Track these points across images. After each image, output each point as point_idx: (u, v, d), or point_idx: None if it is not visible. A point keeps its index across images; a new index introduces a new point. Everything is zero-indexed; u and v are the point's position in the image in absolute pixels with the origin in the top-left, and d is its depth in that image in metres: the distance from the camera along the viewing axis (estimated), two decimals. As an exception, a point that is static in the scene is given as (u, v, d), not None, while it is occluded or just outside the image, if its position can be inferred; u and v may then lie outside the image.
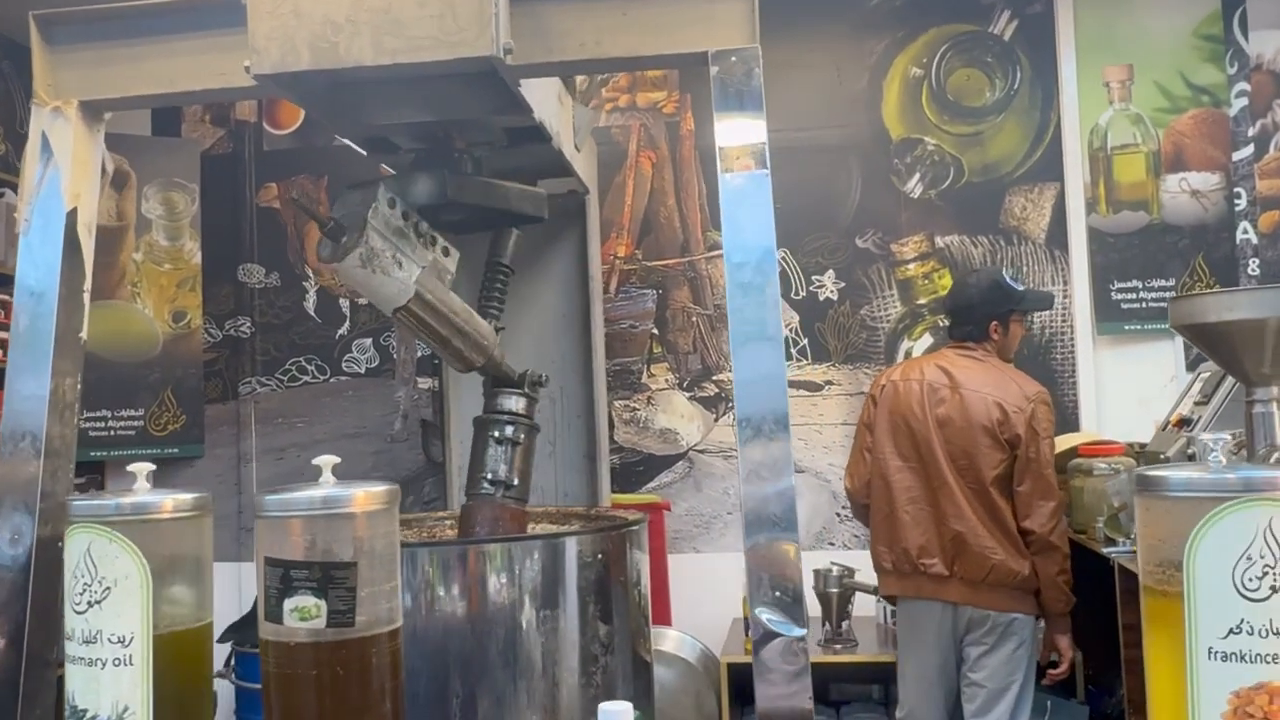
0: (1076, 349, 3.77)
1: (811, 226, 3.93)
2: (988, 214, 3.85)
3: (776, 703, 1.95)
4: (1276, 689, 0.86)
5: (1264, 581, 0.87)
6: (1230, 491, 0.88)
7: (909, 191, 3.89)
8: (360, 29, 1.99)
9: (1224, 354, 2.31)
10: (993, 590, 2.86)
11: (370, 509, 1.04)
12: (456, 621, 2.36)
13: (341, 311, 4.16)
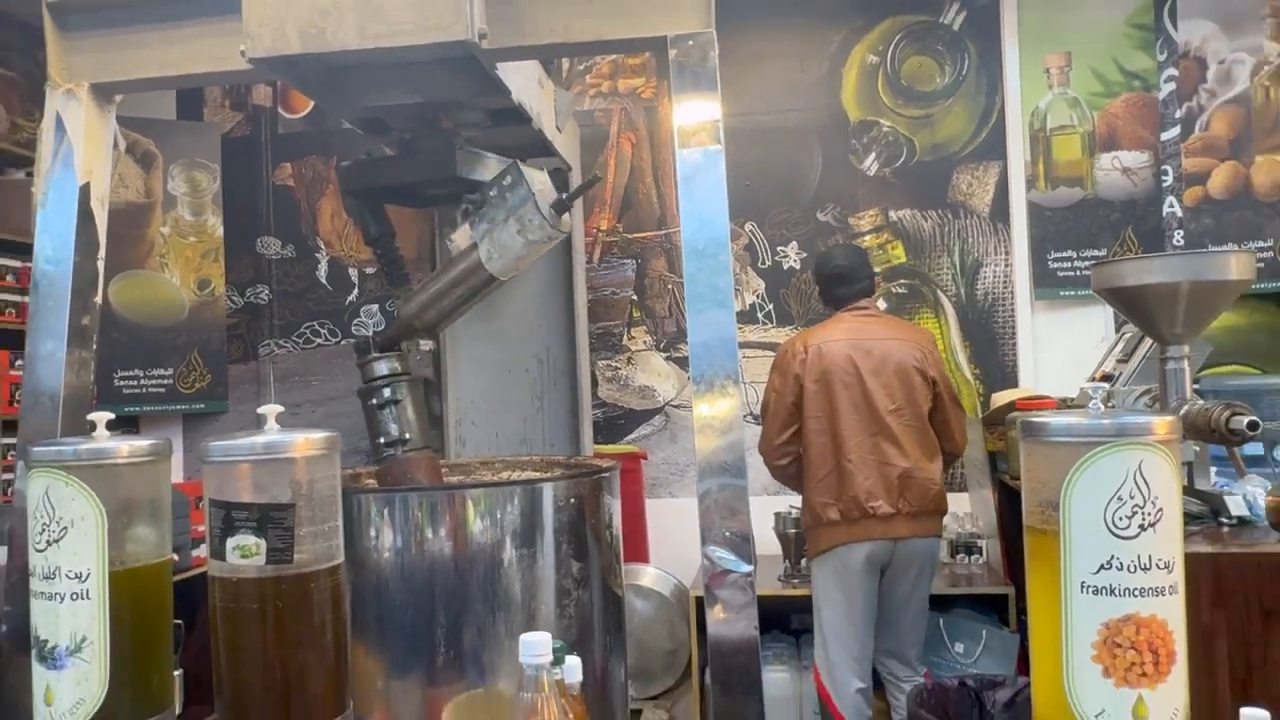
0: (1016, 313, 3.75)
1: (777, 201, 3.88)
2: (937, 190, 3.81)
3: (726, 631, 1.95)
4: (1143, 620, 0.84)
5: (1133, 520, 0.84)
6: (1104, 436, 0.85)
7: (865, 169, 3.84)
8: (345, 15, 1.96)
9: (1140, 316, 2.28)
10: (931, 517, 2.95)
11: (310, 454, 1.01)
12: (441, 560, 2.35)
13: (350, 280, 4.13)
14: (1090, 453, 0.85)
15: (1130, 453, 0.84)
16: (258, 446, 0.98)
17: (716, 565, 1.93)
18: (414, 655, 2.40)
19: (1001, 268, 3.75)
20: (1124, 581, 0.84)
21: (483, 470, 2.87)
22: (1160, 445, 0.85)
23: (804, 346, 3.02)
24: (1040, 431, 0.88)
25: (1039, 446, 0.89)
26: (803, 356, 2.99)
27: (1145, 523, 0.84)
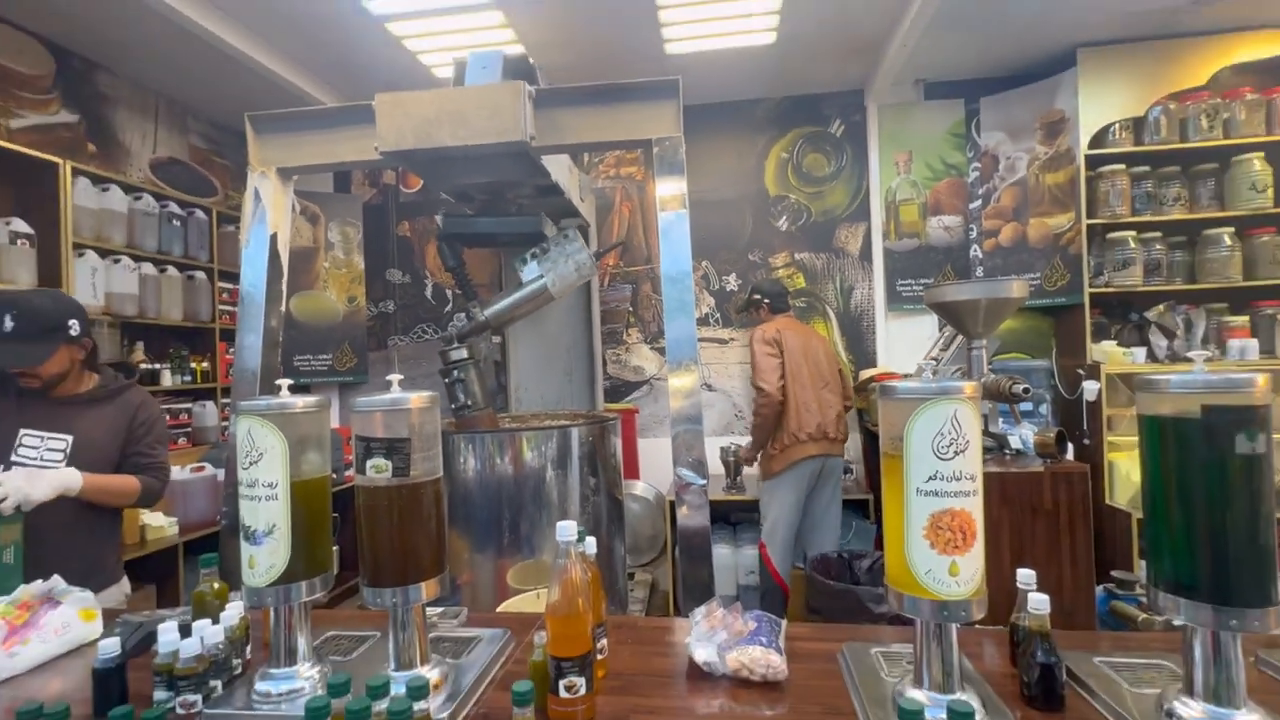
0: (875, 320, 3.75)
1: (722, 246, 3.86)
2: (825, 240, 3.80)
3: (688, 522, 1.94)
4: (956, 512, 0.84)
5: (951, 448, 0.84)
6: (932, 394, 0.84)
7: (779, 226, 3.83)
8: (443, 123, 1.94)
9: (955, 320, 2.28)
10: (844, 443, 3.07)
11: (419, 406, 0.99)
12: (505, 477, 2.35)
13: (446, 297, 4.10)
14: (923, 404, 0.85)
15: (948, 404, 0.84)
16: (385, 401, 0.97)
17: (683, 480, 1.93)
18: (488, 539, 2.40)
19: (866, 290, 3.74)
20: (944, 488, 0.83)
21: (533, 420, 2.86)
22: (967, 399, 0.84)
23: (776, 331, 3.00)
24: (892, 392, 0.88)
25: (890, 401, 0.89)
26: (776, 337, 2.98)
27: (958, 450, 0.84)
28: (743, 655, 1.02)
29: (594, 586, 1.02)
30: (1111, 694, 0.92)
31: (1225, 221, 3.17)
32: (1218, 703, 0.82)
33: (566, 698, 0.90)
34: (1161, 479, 0.84)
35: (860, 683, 0.98)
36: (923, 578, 0.84)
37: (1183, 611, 0.82)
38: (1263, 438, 0.78)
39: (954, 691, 0.87)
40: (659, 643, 1.19)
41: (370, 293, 4.14)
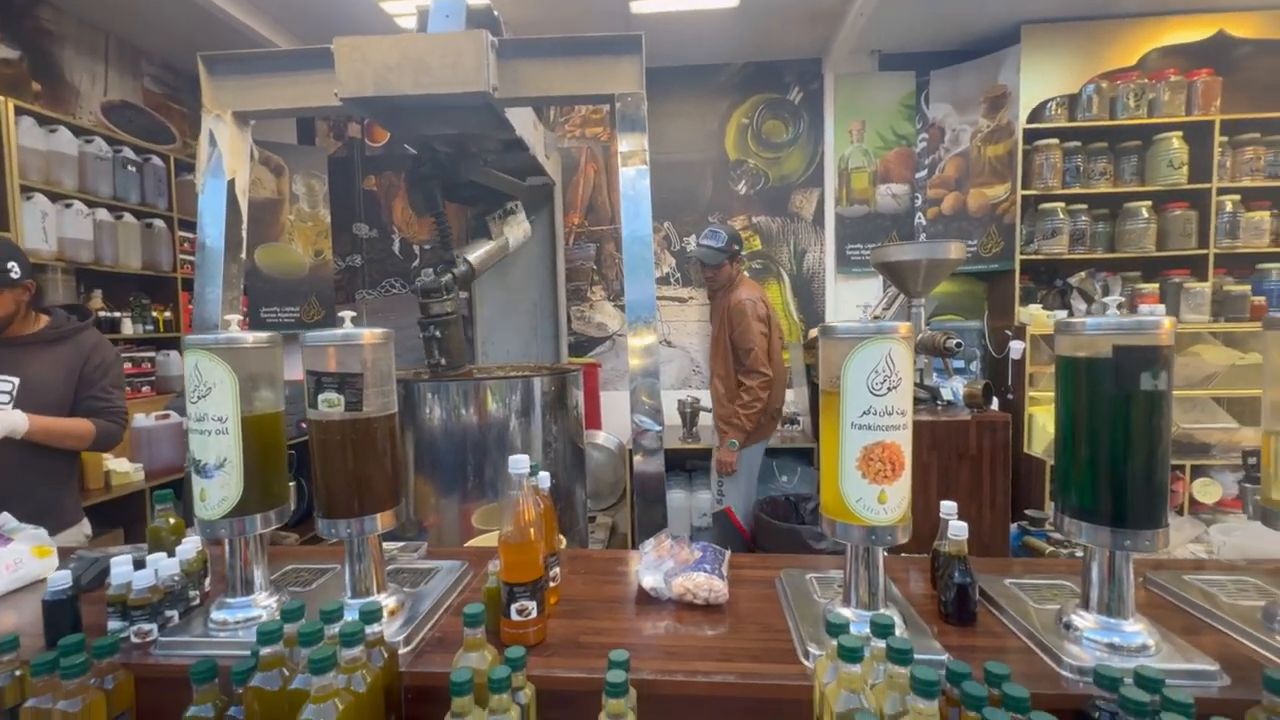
0: (825, 281, 3.76)
1: (684, 209, 3.80)
2: (781, 205, 3.77)
3: (644, 467, 1.94)
4: (887, 444, 0.84)
5: (884, 384, 0.84)
6: (868, 333, 0.84)
7: (738, 190, 3.78)
8: (405, 70, 1.83)
9: (898, 279, 2.30)
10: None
11: (372, 343, 0.94)
12: (471, 424, 2.31)
13: (414, 251, 3.95)
14: (860, 343, 0.84)
15: (884, 343, 0.84)
16: (337, 336, 0.92)
17: (640, 426, 1.93)
18: (454, 483, 2.37)
19: (818, 254, 3.75)
20: (876, 422, 0.84)
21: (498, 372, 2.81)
22: (901, 339, 0.84)
23: (765, 305, 2.65)
24: (832, 332, 0.87)
25: (831, 340, 0.88)
26: (768, 314, 2.65)
27: (890, 386, 0.84)
28: (687, 581, 1.03)
29: (546, 518, 1.00)
30: (1018, 610, 0.96)
31: (1144, 195, 3.26)
32: (1109, 614, 0.86)
33: (518, 620, 0.90)
34: (1073, 415, 0.86)
35: (795, 604, 1.00)
36: (854, 505, 0.85)
37: (1084, 534, 0.85)
38: (1165, 376, 0.80)
39: (879, 609, 0.90)
40: (611, 572, 1.19)
41: (337, 246, 3.97)
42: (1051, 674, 0.83)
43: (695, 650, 0.89)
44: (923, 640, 0.88)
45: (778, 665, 0.86)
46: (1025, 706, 0.68)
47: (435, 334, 2.52)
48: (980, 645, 0.91)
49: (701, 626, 0.97)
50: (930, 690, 0.64)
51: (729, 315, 2.57)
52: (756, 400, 2.54)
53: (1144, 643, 0.83)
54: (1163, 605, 1.01)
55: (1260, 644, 0.87)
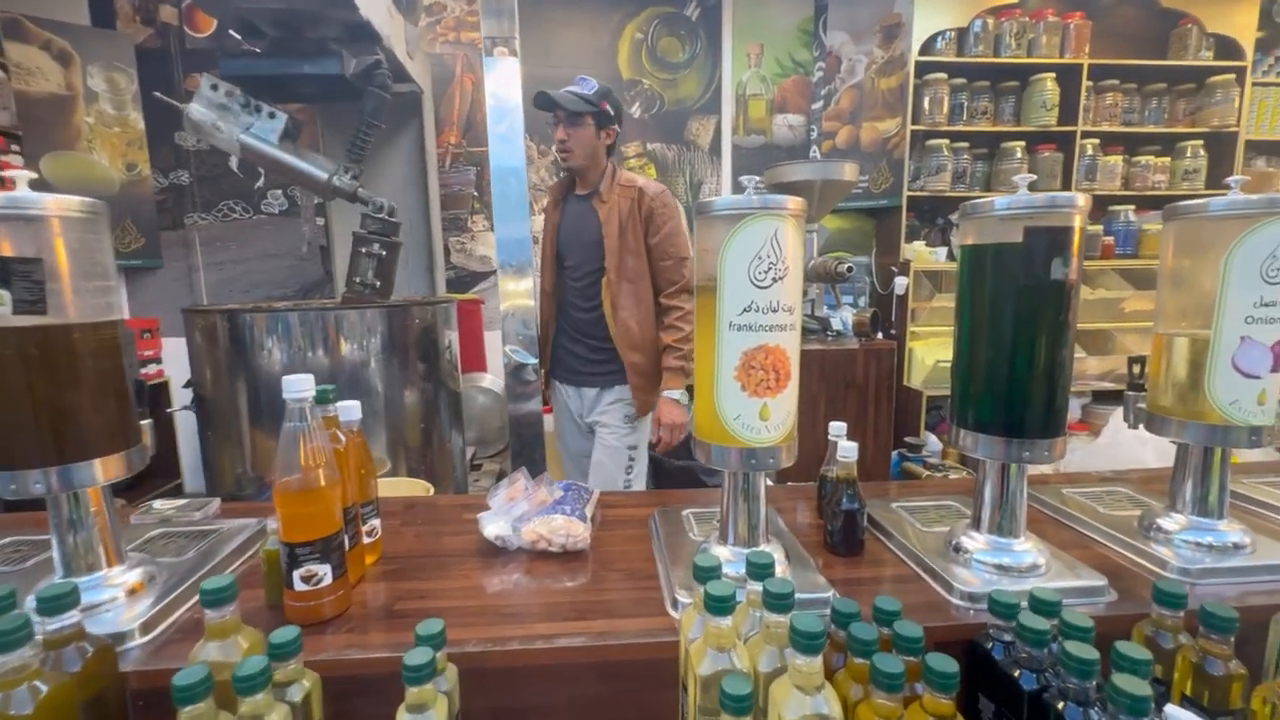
0: (721, 215, 3.62)
1: (573, 132, 3.48)
2: (677, 131, 3.55)
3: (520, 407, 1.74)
4: (770, 348, 0.69)
5: (769, 274, 0.67)
6: (752, 209, 0.66)
7: (632, 113, 3.50)
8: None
9: (791, 203, 2.21)
10: None
11: (63, 215, 0.64)
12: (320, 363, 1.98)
13: (257, 170, 3.36)
14: (743, 221, 0.67)
15: (769, 221, 0.67)
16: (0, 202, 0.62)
17: (512, 359, 1.71)
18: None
19: (715, 185, 3.60)
20: (759, 320, 0.68)
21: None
22: (791, 217, 0.68)
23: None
24: (709, 208, 0.69)
25: (706, 220, 0.70)
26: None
27: (776, 276, 0.68)
28: (541, 526, 0.85)
29: (352, 457, 0.78)
30: (906, 535, 0.87)
31: (1019, 136, 3.36)
32: (1000, 534, 0.78)
33: (305, 590, 0.68)
34: (974, 315, 0.75)
35: (667, 544, 0.86)
36: (731, 424, 0.70)
37: (980, 447, 0.75)
38: (1075, 265, 0.69)
39: (758, 545, 0.77)
40: (457, 521, 0.99)
41: (156, 160, 3.29)
42: (943, 603, 0.73)
43: (542, 609, 0.72)
44: (807, 576, 0.76)
45: (641, 620, 0.70)
46: (918, 647, 0.57)
47: (380, 252, 2.13)
48: (869, 576, 0.81)
49: (557, 579, 0.80)
50: (812, 645, 0.50)
51: (640, 214, 1.73)
52: (688, 320, 1.70)
53: (1034, 561, 0.76)
54: (1045, 521, 0.97)
55: (1140, 554, 0.83)
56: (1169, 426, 0.82)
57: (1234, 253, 0.74)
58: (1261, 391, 0.75)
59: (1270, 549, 0.81)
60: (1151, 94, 3.44)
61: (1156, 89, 3.43)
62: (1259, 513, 0.97)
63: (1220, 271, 0.75)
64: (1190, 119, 3.46)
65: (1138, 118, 3.44)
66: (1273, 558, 0.79)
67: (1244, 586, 0.76)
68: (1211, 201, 0.76)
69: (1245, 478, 1.07)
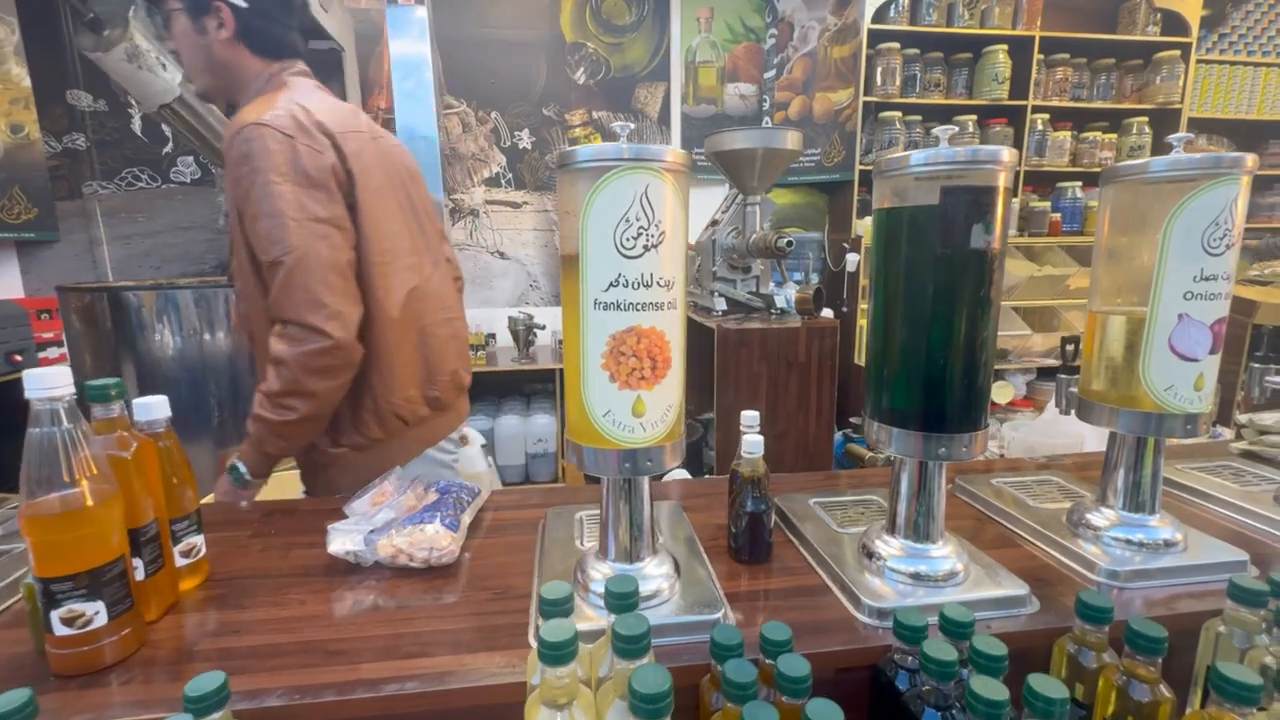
0: (671, 188, 3.48)
1: (514, 98, 3.28)
2: (624, 99, 3.38)
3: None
4: (644, 331, 0.57)
5: (639, 241, 0.55)
6: (618, 160, 0.54)
7: (577, 79, 3.32)
8: None
9: (733, 172, 2.07)
10: None
11: None
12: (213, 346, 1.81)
13: (164, 134, 3.07)
14: (605, 176, 0.55)
15: (638, 176, 0.55)
16: None
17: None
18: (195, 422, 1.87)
19: (664, 157, 3.46)
20: (629, 297, 0.56)
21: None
22: (666, 171, 0.56)
23: (323, 130, 1.06)
24: (570, 159, 0.57)
25: (568, 175, 0.58)
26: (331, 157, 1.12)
27: (649, 243, 0.56)
28: (399, 539, 0.73)
29: (154, 464, 0.64)
30: (819, 537, 0.78)
31: (971, 109, 3.31)
32: (916, 538, 0.70)
33: (69, 635, 0.55)
34: (886, 291, 0.65)
35: (548, 556, 0.75)
36: (600, 421, 0.59)
37: (893, 442, 0.66)
38: (999, 231, 0.60)
39: (641, 558, 0.66)
40: (322, 531, 0.86)
41: (46, 121, 2.97)
42: (849, 621, 0.64)
43: (379, 644, 0.61)
44: (698, 592, 0.66)
45: (497, 654, 0.59)
46: (802, 688, 0.48)
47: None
48: (775, 589, 0.71)
49: (411, 602, 0.68)
50: (655, 710, 0.39)
51: (230, 178, 0.99)
52: (292, 395, 0.96)
53: (952, 569, 0.67)
54: (972, 517, 0.89)
55: (1067, 553, 0.75)
56: (1101, 414, 0.74)
57: (1174, 220, 0.65)
58: (1199, 376, 0.68)
59: (1202, 545, 0.74)
60: (1100, 69, 3.42)
61: (1105, 64, 3.41)
62: (1193, 503, 0.91)
63: (1159, 241, 0.66)
64: (1137, 95, 3.46)
65: (1086, 93, 3.42)
66: (1204, 556, 0.72)
67: (1175, 590, 0.70)
68: (1152, 162, 0.67)
69: (1179, 463, 1.02)
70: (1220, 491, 0.89)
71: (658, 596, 0.64)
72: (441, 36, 3.14)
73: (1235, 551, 0.73)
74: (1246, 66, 3.49)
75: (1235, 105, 3.52)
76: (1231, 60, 3.49)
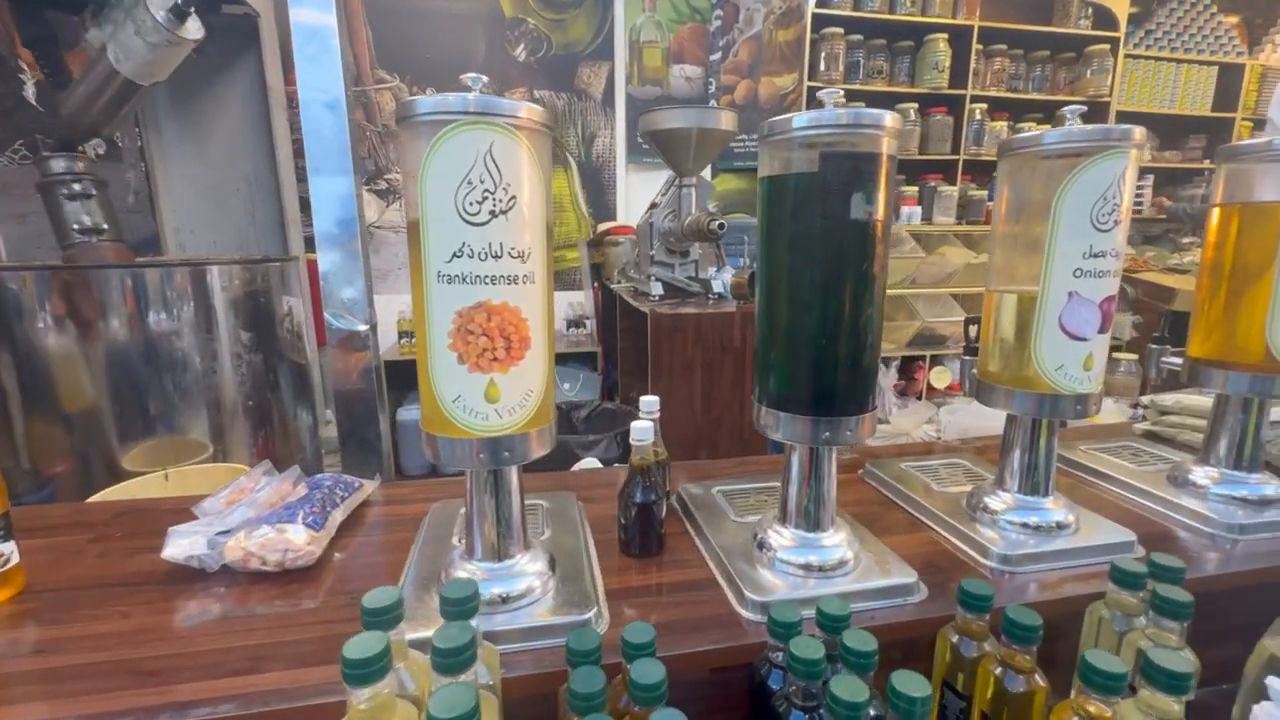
0: (616, 170, 3.41)
1: (450, 73, 3.14)
2: (567, 78, 3.28)
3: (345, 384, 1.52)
4: (494, 307, 0.51)
5: (484, 206, 0.49)
6: (461, 114, 0.48)
7: (517, 56, 3.20)
8: None
9: (668, 152, 2.01)
10: None
11: None
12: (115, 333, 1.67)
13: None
14: (444, 131, 0.49)
15: (481, 132, 0.49)
16: None
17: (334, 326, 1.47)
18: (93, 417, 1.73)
19: (609, 139, 3.38)
20: (475, 269, 0.50)
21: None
22: (516, 129, 0.50)
23: None
24: (409, 111, 0.50)
25: (408, 129, 0.51)
26: None
27: (497, 209, 0.50)
28: (248, 540, 0.66)
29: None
30: (714, 527, 0.74)
31: (913, 97, 3.34)
32: (807, 526, 0.67)
33: None
34: (769, 266, 0.61)
35: (421, 554, 0.69)
36: (450, 408, 0.53)
37: (780, 427, 0.62)
38: (880, 201, 0.56)
39: (511, 556, 0.61)
40: (179, 531, 0.78)
41: (-76, 86, 2.69)
42: (732, 618, 0.61)
43: (204, 661, 0.54)
44: (573, 590, 0.61)
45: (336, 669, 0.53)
46: (653, 695, 0.44)
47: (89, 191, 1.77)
48: (662, 583, 0.67)
49: (261, 609, 0.62)
50: (452, 736, 0.34)
51: None
52: None
53: (842, 557, 0.65)
54: (877, 501, 0.87)
55: (964, 538, 0.74)
56: (997, 395, 0.72)
57: (1064, 194, 0.63)
58: (1089, 356, 0.66)
59: (1094, 526, 0.74)
60: (1036, 61, 3.50)
61: (1040, 56, 3.49)
62: (1093, 483, 0.92)
63: (1050, 217, 0.64)
64: (1070, 87, 3.56)
65: (1023, 84, 3.50)
66: (1094, 538, 0.71)
67: (1065, 572, 0.69)
68: (1046, 134, 0.65)
69: (1083, 443, 1.03)
70: (1117, 472, 0.90)
71: (528, 596, 0.59)
72: (372, 5, 2.98)
73: (1124, 532, 0.73)
74: (1170, 63, 3.63)
75: (1160, 100, 3.66)
76: (1157, 56, 3.62)
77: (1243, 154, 0.76)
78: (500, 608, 0.58)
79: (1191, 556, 0.72)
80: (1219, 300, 0.78)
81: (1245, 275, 0.74)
